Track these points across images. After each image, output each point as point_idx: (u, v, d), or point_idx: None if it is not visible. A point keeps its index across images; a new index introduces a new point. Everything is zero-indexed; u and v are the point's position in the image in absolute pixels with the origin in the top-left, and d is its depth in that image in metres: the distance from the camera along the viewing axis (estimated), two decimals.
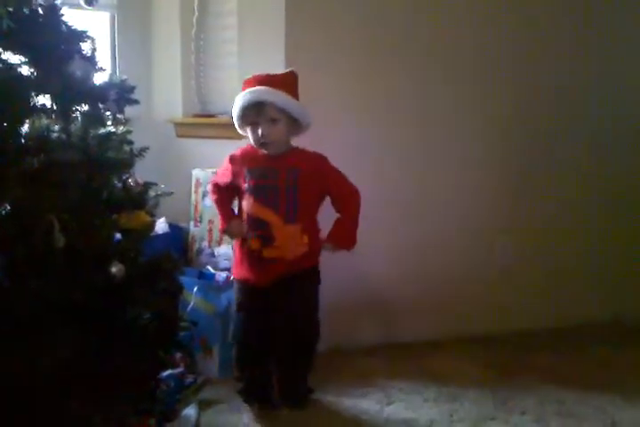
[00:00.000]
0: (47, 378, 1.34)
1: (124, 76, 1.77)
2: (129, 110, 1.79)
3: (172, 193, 1.95)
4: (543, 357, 2.51)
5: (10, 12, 1.36)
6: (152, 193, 1.84)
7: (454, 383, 2.26)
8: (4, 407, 1.27)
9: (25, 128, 1.45)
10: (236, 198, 1.97)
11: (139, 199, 1.75)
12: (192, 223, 2.54)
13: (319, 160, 1.93)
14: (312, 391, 2.08)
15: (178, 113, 2.79)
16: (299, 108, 1.84)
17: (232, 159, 1.93)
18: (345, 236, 1.94)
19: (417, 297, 2.58)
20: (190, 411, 1.85)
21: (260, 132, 1.82)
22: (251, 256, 1.89)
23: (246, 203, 1.89)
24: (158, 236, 2.07)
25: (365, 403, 2.10)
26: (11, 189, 1.28)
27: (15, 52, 1.44)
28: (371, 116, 2.43)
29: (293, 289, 1.90)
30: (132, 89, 1.74)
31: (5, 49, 1.40)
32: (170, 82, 2.84)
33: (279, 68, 2.25)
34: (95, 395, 1.44)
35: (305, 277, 1.92)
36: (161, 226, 2.08)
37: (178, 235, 2.00)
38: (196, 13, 2.73)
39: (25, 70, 1.47)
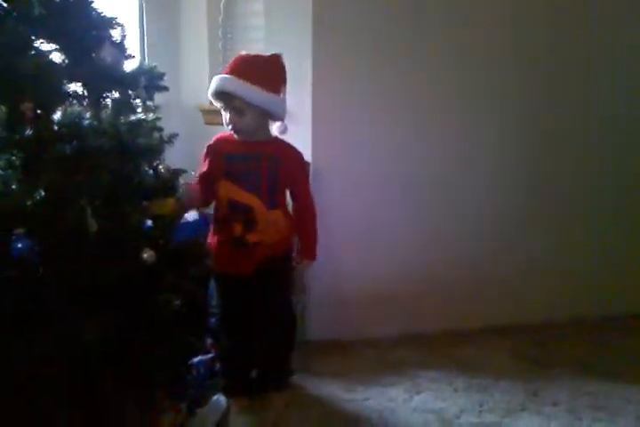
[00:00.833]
0: (79, 361, 1.36)
1: (154, 63, 1.78)
2: (158, 97, 1.80)
3: None
4: (573, 348, 2.47)
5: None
6: (181, 180, 1.85)
7: (484, 374, 2.23)
8: (38, 389, 1.29)
9: (57, 115, 1.46)
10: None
11: (169, 186, 1.76)
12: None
13: (296, 155, 1.93)
14: (293, 373, 2.08)
15: (205, 100, 2.78)
16: (265, 101, 1.78)
17: (208, 148, 1.92)
18: (308, 250, 1.97)
19: (444, 286, 2.55)
20: (220, 397, 1.86)
21: (227, 118, 1.82)
22: (233, 244, 1.87)
23: (226, 189, 1.84)
24: (187, 223, 2.07)
25: (394, 392, 2.09)
26: (44, 174, 1.29)
27: (47, 39, 1.45)
28: (389, 114, 2.39)
29: (271, 275, 1.90)
30: (161, 76, 1.74)
31: (37, 36, 1.41)
32: (198, 69, 2.84)
33: (307, 53, 2.25)
34: (126, 379, 1.46)
35: (281, 262, 1.94)
36: (190, 213, 2.08)
37: (207, 222, 2.00)
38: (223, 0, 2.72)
39: (56, 57, 1.48)
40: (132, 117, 1.65)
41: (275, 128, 1.89)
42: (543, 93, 2.54)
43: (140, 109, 1.71)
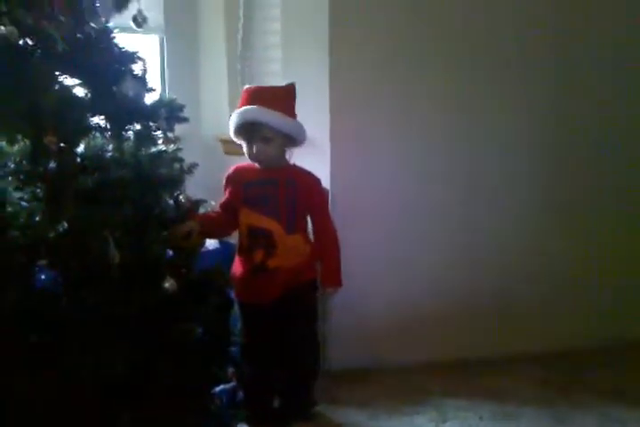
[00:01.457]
0: (100, 391, 1.35)
1: (174, 96, 1.82)
2: (178, 128, 1.83)
3: None
4: (601, 375, 2.40)
5: (63, 36, 1.41)
6: (202, 210, 1.87)
7: (510, 402, 2.18)
8: (58, 420, 1.28)
9: (81, 148, 1.50)
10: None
11: (190, 216, 1.77)
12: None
13: (313, 180, 1.94)
14: (316, 404, 2.05)
15: (225, 130, 2.82)
16: (293, 128, 1.84)
17: (227, 179, 1.94)
18: (331, 276, 1.94)
19: (469, 313, 2.52)
20: (243, 426, 1.84)
21: (254, 149, 1.83)
22: (254, 270, 1.87)
23: (246, 216, 1.85)
24: (208, 252, 2.08)
25: (419, 420, 2.05)
26: (67, 206, 1.31)
27: (70, 74, 1.49)
28: (406, 140, 2.39)
29: (295, 303, 1.88)
30: (181, 107, 1.78)
31: (61, 71, 1.45)
32: (217, 100, 2.89)
33: (324, 84, 2.28)
34: (148, 409, 1.46)
35: (304, 291, 1.92)
36: (211, 242, 2.10)
37: (228, 251, 2.01)
38: (241, 32, 2.78)
39: (79, 92, 1.52)
40: (153, 149, 1.68)
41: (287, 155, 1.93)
42: (575, 94, 2.53)
43: (160, 141, 1.74)
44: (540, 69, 2.49)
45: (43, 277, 1.25)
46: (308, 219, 1.95)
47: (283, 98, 1.85)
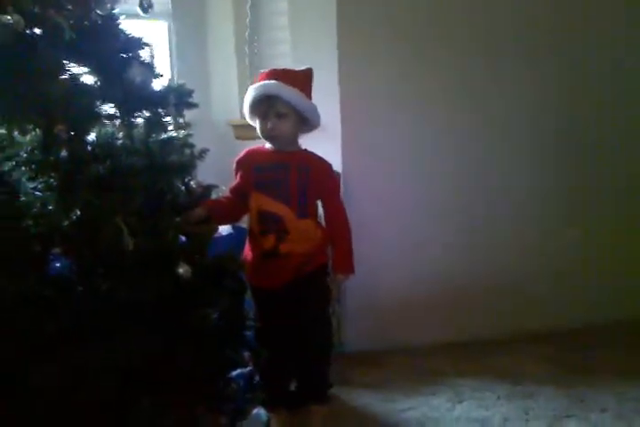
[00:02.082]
0: (119, 377, 1.37)
1: (183, 81, 1.81)
2: (188, 114, 1.83)
3: None
4: (614, 353, 2.40)
5: (70, 23, 1.40)
6: (214, 195, 1.87)
7: (526, 381, 2.19)
8: (77, 407, 1.30)
9: (91, 136, 1.50)
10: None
11: (202, 202, 1.78)
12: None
13: (325, 165, 1.92)
14: (332, 386, 2.04)
15: (236, 115, 2.82)
16: (308, 106, 1.83)
17: (238, 162, 1.93)
18: (343, 262, 1.92)
19: (482, 293, 2.52)
20: (260, 410, 1.86)
21: (268, 124, 1.82)
22: (265, 255, 1.87)
23: (256, 200, 1.85)
24: (222, 237, 2.09)
25: (435, 401, 2.06)
26: (80, 195, 1.32)
27: (78, 62, 1.49)
28: (418, 125, 2.39)
29: (307, 287, 1.88)
30: (190, 93, 1.77)
31: (69, 60, 1.45)
32: (227, 84, 2.88)
33: (333, 65, 2.26)
34: (166, 394, 1.47)
35: (316, 274, 1.91)
36: (224, 228, 2.10)
37: (241, 236, 2.01)
38: (249, 15, 2.76)
39: (88, 79, 1.52)
40: (164, 135, 1.67)
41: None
42: (583, 97, 2.52)
43: (171, 127, 1.74)
44: (547, 68, 2.47)
45: (57, 265, 1.27)
46: (319, 204, 1.95)
47: (300, 78, 1.85)
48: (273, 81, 1.79)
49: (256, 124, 1.87)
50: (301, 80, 1.84)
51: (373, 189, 2.36)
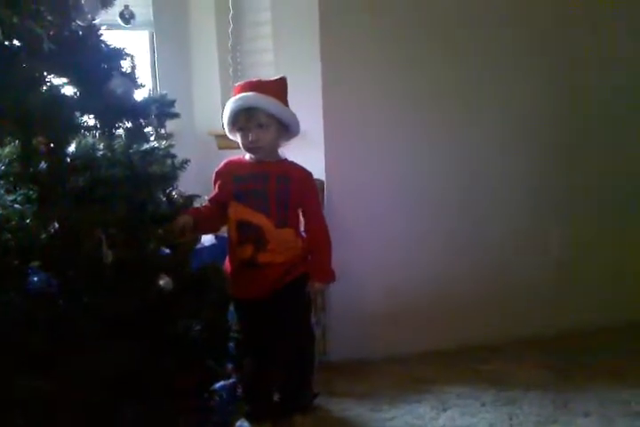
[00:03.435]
0: (102, 388, 1.36)
1: (164, 91, 1.81)
2: (170, 125, 1.82)
3: None
4: (601, 357, 2.41)
5: (50, 34, 1.39)
6: (196, 205, 1.86)
7: (511, 387, 2.19)
8: (58, 419, 1.29)
9: (71, 147, 1.49)
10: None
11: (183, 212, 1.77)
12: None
13: (304, 174, 1.92)
14: (316, 396, 2.06)
15: (218, 125, 2.81)
16: (288, 114, 1.85)
17: (217, 173, 1.94)
18: (319, 272, 1.92)
19: (468, 300, 2.53)
20: (244, 422, 1.85)
21: (250, 137, 1.83)
22: (244, 266, 1.87)
23: (235, 210, 1.86)
24: (205, 248, 2.08)
25: (420, 409, 2.06)
26: (58, 207, 1.31)
27: (57, 73, 1.48)
28: (410, 108, 2.39)
29: (288, 297, 1.88)
30: (172, 103, 1.77)
31: (48, 71, 1.44)
32: (209, 95, 2.87)
33: (316, 73, 2.27)
34: (149, 406, 1.46)
35: (297, 287, 1.90)
36: (207, 238, 2.09)
37: (225, 246, 2.01)
38: (231, 25, 2.76)
39: (68, 90, 1.51)
40: (145, 146, 1.66)
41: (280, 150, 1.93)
42: (576, 95, 2.54)
43: (152, 137, 1.73)
44: (540, 66, 2.49)
45: (35, 279, 1.25)
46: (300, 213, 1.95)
47: (276, 87, 1.86)
48: (250, 93, 1.80)
49: (236, 137, 1.87)
50: (277, 89, 1.85)
51: (357, 196, 2.36)
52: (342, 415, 2.04)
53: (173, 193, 1.75)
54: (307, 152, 1.99)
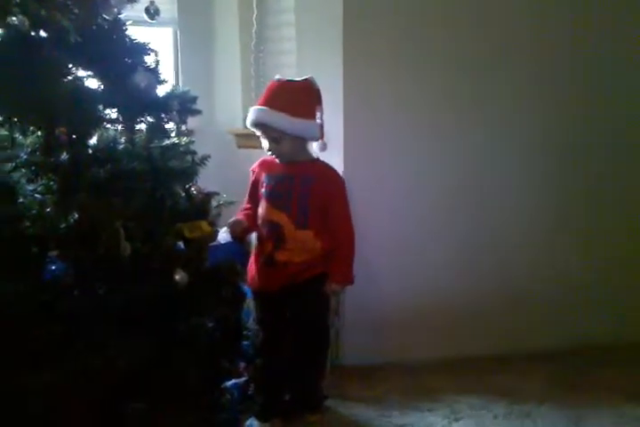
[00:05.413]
0: (112, 384, 1.35)
1: (187, 87, 1.81)
2: (191, 122, 1.82)
3: (233, 202, 1.98)
4: (614, 373, 2.35)
5: (76, 27, 1.40)
6: (214, 202, 1.86)
7: (524, 400, 2.15)
8: (69, 411, 1.28)
9: (93, 140, 1.49)
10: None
11: (201, 209, 1.77)
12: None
13: (333, 177, 1.93)
14: (326, 398, 2.04)
15: (238, 124, 2.82)
16: (299, 129, 1.83)
17: (253, 171, 1.99)
18: (338, 274, 1.91)
19: (483, 311, 2.49)
20: (253, 421, 1.83)
21: (267, 146, 1.87)
22: (263, 260, 1.90)
23: (262, 208, 1.90)
24: (220, 245, 2.07)
25: (431, 418, 2.03)
26: (78, 197, 1.31)
27: (82, 65, 1.48)
28: (427, 109, 2.36)
29: (303, 296, 1.88)
30: (194, 99, 1.77)
31: (73, 63, 1.44)
32: (231, 93, 2.88)
33: (338, 74, 2.26)
34: (160, 402, 1.45)
35: (314, 284, 1.89)
36: (223, 236, 2.09)
37: (240, 245, 2.00)
38: (255, 25, 2.77)
39: (92, 83, 1.51)
40: (166, 141, 1.67)
41: (315, 146, 1.92)
42: (589, 96, 2.49)
43: (173, 133, 1.73)
44: (554, 68, 2.45)
45: (53, 268, 1.25)
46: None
47: (295, 98, 1.85)
48: (261, 108, 1.81)
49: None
50: (290, 101, 1.83)
51: (376, 199, 2.35)
52: (352, 420, 2.01)
53: (192, 189, 1.75)
54: (326, 153, 1.98)
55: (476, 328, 2.49)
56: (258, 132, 1.87)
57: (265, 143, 1.87)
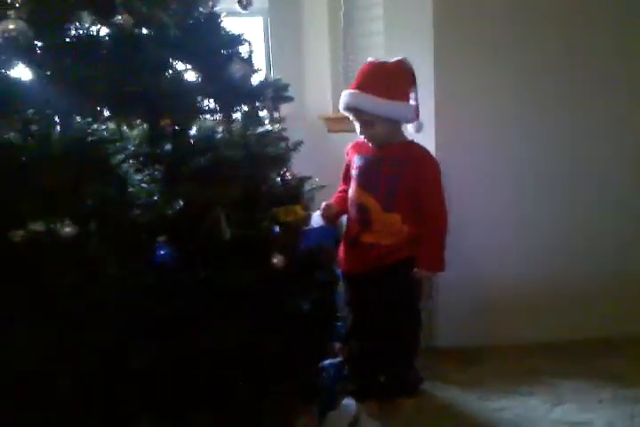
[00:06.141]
0: (217, 362, 1.42)
1: (278, 76, 1.85)
2: (283, 108, 1.86)
3: (324, 186, 2.01)
4: None
5: (175, 22, 1.46)
6: (307, 187, 1.90)
7: (632, 385, 2.06)
8: (176, 393, 1.36)
9: (193, 130, 1.56)
10: None
11: (295, 193, 1.81)
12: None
13: (425, 161, 1.89)
14: (422, 380, 2.04)
15: (328, 109, 2.84)
16: (391, 111, 1.82)
17: (347, 152, 2.02)
18: (429, 259, 1.88)
19: (584, 293, 2.40)
20: (350, 400, 1.87)
21: (359, 130, 1.87)
22: (350, 242, 1.94)
23: (351, 189, 1.94)
24: (314, 229, 2.11)
25: (532, 402, 1.99)
26: (183, 186, 1.38)
27: (182, 59, 1.55)
28: (515, 111, 2.31)
29: (389, 279, 1.88)
30: (286, 87, 1.80)
31: (173, 57, 1.51)
32: (320, 80, 2.91)
33: (428, 55, 2.23)
34: (261, 381, 1.51)
35: (401, 268, 1.88)
36: (316, 220, 2.13)
37: (332, 229, 2.03)
38: (343, 8, 2.77)
39: (190, 76, 1.58)
40: (260, 129, 1.72)
41: (410, 127, 1.93)
42: None
43: (266, 121, 1.78)
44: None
45: (161, 252, 1.33)
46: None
47: (388, 79, 1.84)
48: (352, 92, 1.83)
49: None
50: (382, 81, 1.83)
51: (470, 178, 2.31)
52: (448, 402, 2.01)
53: (286, 174, 1.79)
54: (417, 137, 1.96)
55: (578, 311, 2.41)
56: (350, 117, 1.89)
57: (358, 127, 1.88)
